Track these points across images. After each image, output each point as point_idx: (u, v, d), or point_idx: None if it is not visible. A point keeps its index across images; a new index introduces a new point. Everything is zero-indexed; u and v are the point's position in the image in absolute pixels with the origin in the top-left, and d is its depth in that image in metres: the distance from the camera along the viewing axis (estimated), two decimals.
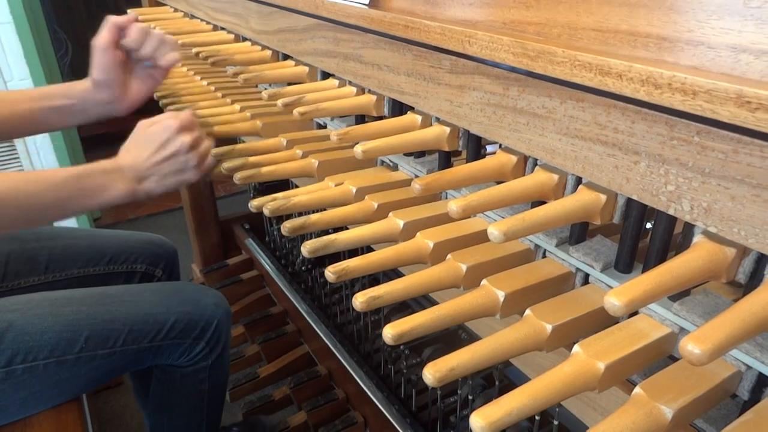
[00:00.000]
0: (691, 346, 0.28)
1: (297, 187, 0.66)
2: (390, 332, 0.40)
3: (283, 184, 1.05)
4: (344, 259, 0.48)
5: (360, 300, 0.43)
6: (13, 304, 0.80)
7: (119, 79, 0.81)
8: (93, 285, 1.01)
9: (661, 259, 0.43)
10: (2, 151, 1.93)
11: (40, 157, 1.97)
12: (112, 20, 0.77)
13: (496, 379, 0.89)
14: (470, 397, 1.00)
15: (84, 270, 1.02)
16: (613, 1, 0.40)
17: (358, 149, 0.53)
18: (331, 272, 0.46)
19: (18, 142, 1.93)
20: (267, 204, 0.57)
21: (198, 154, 0.71)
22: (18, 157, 1.96)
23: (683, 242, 0.41)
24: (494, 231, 0.39)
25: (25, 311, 0.79)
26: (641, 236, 0.46)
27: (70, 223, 2.09)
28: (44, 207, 0.64)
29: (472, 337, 0.81)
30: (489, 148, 0.64)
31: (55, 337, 0.78)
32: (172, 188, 0.71)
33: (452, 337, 1.19)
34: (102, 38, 0.77)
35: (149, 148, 0.69)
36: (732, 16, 0.34)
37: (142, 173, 0.69)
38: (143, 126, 0.71)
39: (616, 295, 0.32)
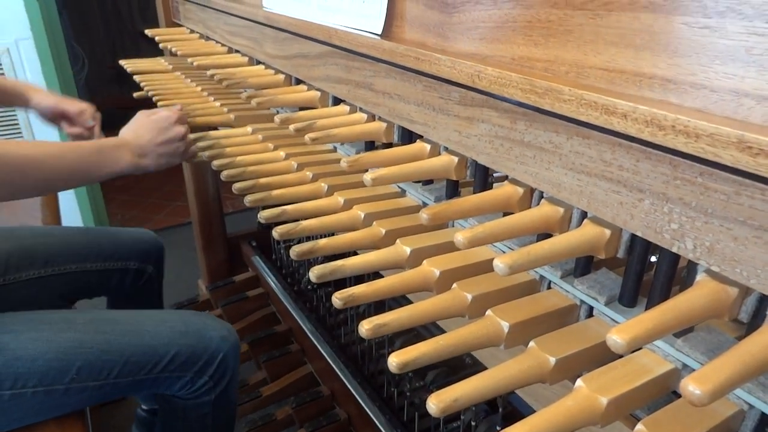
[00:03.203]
0: (692, 387, 0.29)
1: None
2: (395, 361, 0.41)
3: None
4: (350, 283, 0.49)
5: (366, 327, 0.44)
6: (10, 324, 0.79)
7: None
8: (90, 281, 1.07)
9: (665, 294, 0.44)
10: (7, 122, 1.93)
11: None
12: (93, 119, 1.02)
13: (500, 405, 0.89)
14: (473, 423, 1.00)
15: (82, 266, 1.05)
16: (620, 42, 0.42)
17: (368, 177, 0.54)
18: (338, 298, 0.47)
19: (22, 122, 1.92)
20: (276, 228, 0.58)
21: (186, 143, 0.87)
22: (19, 126, 1.95)
23: (687, 278, 0.41)
24: (500, 264, 0.40)
25: (20, 333, 0.78)
26: (646, 269, 0.46)
27: None
28: (70, 173, 0.76)
29: (476, 362, 0.80)
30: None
31: (47, 365, 0.76)
32: (162, 167, 0.86)
33: (456, 360, 1.19)
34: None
35: (151, 132, 0.83)
36: (735, 62, 0.35)
37: (143, 151, 0.82)
38: (144, 114, 0.86)
39: (618, 332, 0.33)
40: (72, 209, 2.06)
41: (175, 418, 0.95)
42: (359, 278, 0.62)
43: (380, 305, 1.17)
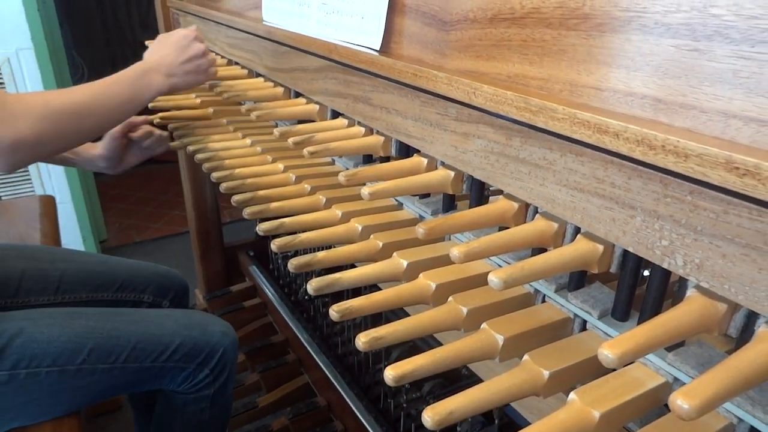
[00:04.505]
0: (680, 402, 0.29)
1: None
2: (391, 374, 0.41)
3: None
4: (347, 294, 0.50)
5: (363, 340, 0.44)
6: (28, 313, 0.84)
7: (119, 156, 1.05)
8: None
9: (657, 308, 0.45)
10: (16, 173, 1.97)
11: (51, 180, 2.00)
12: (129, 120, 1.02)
13: (496, 417, 0.89)
14: None
15: (93, 295, 1.04)
16: (612, 62, 0.43)
17: (365, 191, 0.55)
18: (335, 311, 0.48)
19: (30, 169, 1.96)
20: (275, 240, 0.59)
21: (209, 60, 0.89)
22: (30, 179, 1.99)
23: (678, 292, 0.42)
24: (494, 279, 0.40)
25: (37, 320, 0.82)
26: (638, 283, 0.47)
27: (79, 246, 2.12)
28: (118, 107, 0.79)
29: (473, 374, 0.81)
30: None
31: (61, 347, 0.81)
32: (191, 85, 0.89)
33: (452, 371, 1.19)
34: (116, 129, 1.00)
35: (174, 51, 0.86)
36: (722, 84, 0.36)
37: (170, 70, 0.85)
38: (164, 36, 0.89)
39: (609, 347, 0.33)
40: (70, 218, 2.07)
41: (173, 414, 0.98)
42: (356, 290, 0.63)
43: (377, 316, 1.18)
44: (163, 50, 0.86)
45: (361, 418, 1.16)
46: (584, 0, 0.44)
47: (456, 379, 1.15)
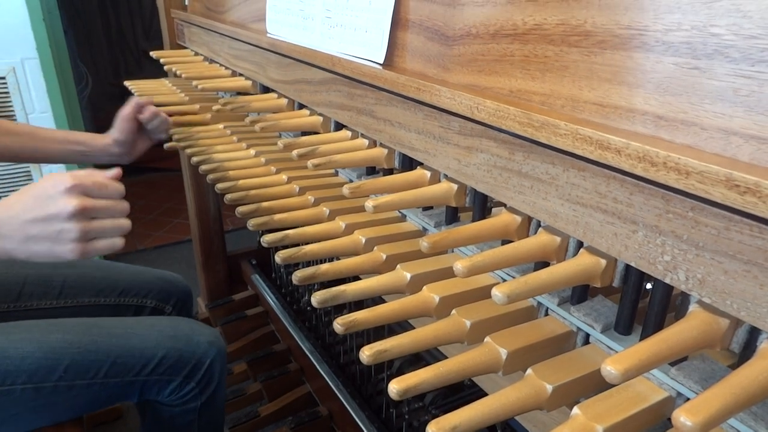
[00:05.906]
0: (683, 418, 0.30)
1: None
2: (395, 387, 0.41)
3: None
4: (349, 305, 0.50)
5: (367, 354, 0.45)
6: (4, 327, 0.82)
7: (132, 141, 1.04)
8: (102, 315, 1.04)
9: (660, 322, 0.45)
10: (19, 174, 1.97)
11: None
12: (135, 100, 1.04)
13: (499, 429, 0.89)
14: None
15: (95, 300, 1.04)
16: (613, 79, 0.43)
17: (369, 204, 0.55)
18: (340, 324, 0.48)
19: (33, 167, 1.97)
20: (279, 253, 0.59)
21: (85, 228, 0.60)
22: (31, 179, 2.00)
23: (681, 306, 0.43)
24: (498, 293, 0.41)
25: (11, 335, 0.80)
26: (641, 296, 0.47)
27: None
28: None
29: (474, 383, 0.80)
30: None
31: (35, 364, 0.78)
32: (40, 258, 0.61)
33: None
34: (127, 110, 1.02)
35: (26, 202, 0.60)
36: (723, 101, 0.37)
37: (5, 229, 0.59)
38: (32, 184, 0.63)
39: (613, 363, 0.34)
40: None
41: (161, 428, 0.96)
42: (359, 302, 0.63)
43: (379, 326, 1.18)
44: (18, 198, 0.61)
45: (363, 428, 1.16)
46: (586, 17, 0.45)
47: (458, 389, 1.15)
